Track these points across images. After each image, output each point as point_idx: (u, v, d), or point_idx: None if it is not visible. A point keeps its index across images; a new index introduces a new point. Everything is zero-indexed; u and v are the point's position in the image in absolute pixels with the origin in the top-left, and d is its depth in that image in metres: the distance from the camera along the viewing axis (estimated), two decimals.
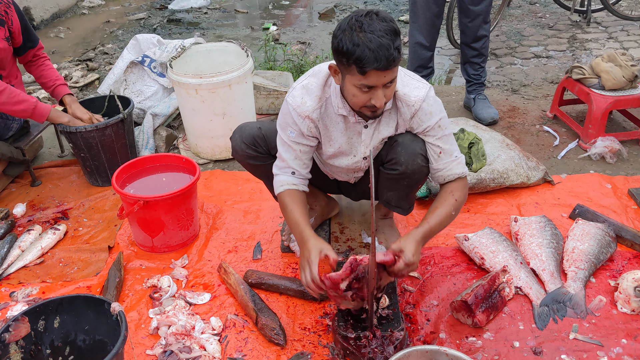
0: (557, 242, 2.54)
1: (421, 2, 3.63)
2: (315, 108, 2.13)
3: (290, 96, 2.17)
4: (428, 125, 2.13)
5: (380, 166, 2.32)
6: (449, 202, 2.15)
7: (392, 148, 2.23)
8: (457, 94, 4.26)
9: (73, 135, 3.13)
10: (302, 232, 2.10)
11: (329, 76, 2.13)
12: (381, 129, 2.20)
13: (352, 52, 1.81)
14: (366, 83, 1.87)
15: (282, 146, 2.23)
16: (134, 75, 3.89)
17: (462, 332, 2.20)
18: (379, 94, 1.91)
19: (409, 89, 2.10)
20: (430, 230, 2.09)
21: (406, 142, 2.19)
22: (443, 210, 2.13)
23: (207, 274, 2.59)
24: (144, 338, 2.26)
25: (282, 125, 2.21)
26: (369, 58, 1.79)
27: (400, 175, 2.24)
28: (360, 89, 1.91)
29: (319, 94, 2.13)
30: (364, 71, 1.83)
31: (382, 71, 1.83)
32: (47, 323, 1.94)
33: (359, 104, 1.97)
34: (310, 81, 2.15)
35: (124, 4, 7.55)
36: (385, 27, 1.82)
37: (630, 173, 3.18)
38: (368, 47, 1.79)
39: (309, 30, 6.21)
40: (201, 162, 3.53)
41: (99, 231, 2.93)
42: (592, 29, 5.62)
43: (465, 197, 2.21)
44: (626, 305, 2.24)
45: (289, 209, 2.19)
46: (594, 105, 3.34)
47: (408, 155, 2.18)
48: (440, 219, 2.12)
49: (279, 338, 2.16)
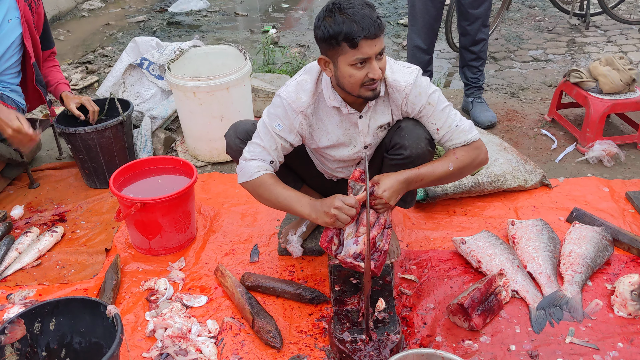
0: (554, 245, 2.54)
1: (420, 5, 3.63)
2: (310, 104, 2.16)
3: (284, 91, 2.18)
4: (420, 105, 2.16)
5: (385, 153, 2.31)
6: (447, 157, 2.17)
7: (395, 133, 2.24)
8: (455, 97, 4.27)
9: (72, 137, 3.13)
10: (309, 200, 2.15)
11: (321, 72, 2.17)
12: (377, 117, 2.22)
13: (340, 31, 1.90)
14: (360, 56, 1.93)
15: (266, 134, 2.21)
16: (133, 78, 3.90)
17: (458, 336, 2.20)
18: (374, 65, 1.97)
19: (398, 75, 2.14)
20: (418, 175, 2.12)
21: (410, 127, 2.20)
22: (439, 163, 2.16)
23: (204, 277, 2.59)
24: (140, 341, 2.25)
25: (271, 116, 2.20)
26: (357, 29, 1.88)
27: (405, 160, 2.21)
28: (355, 67, 1.96)
29: (312, 89, 2.17)
30: (355, 44, 1.91)
31: (372, 39, 1.91)
32: (43, 325, 1.94)
33: (357, 83, 2.00)
34: (304, 78, 2.19)
35: (124, 7, 7.56)
36: (361, 2, 1.93)
37: (628, 177, 3.18)
38: (353, 20, 1.88)
39: (309, 34, 6.22)
40: (199, 164, 3.53)
41: (97, 233, 2.93)
42: (591, 32, 5.63)
43: (474, 157, 2.19)
44: (623, 309, 2.24)
45: (280, 187, 2.17)
46: (592, 108, 3.34)
47: (412, 139, 2.18)
48: (432, 167, 2.15)
49: (275, 341, 2.16)
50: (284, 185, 2.19)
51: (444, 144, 2.23)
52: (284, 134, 2.20)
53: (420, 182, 2.15)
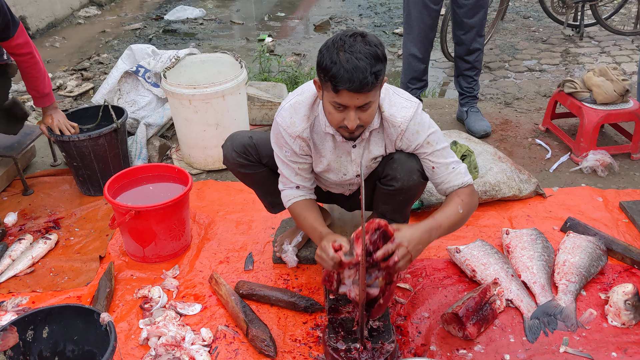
0: (549, 255, 2.55)
1: (415, 13, 3.65)
2: (305, 128, 2.14)
3: (279, 116, 2.17)
4: (417, 143, 2.13)
5: (377, 181, 2.32)
6: (453, 201, 2.12)
7: (388, 164, 2.23)
8: (450, 106, 4.28)
9: (66, 144, 3.13)
10: (320, 232, 2.16)
11: (316, 96, 2.13)
12: (371, 149, 2.21)
13: (329, 69, 1.84)
14: (339, 101, 1.89)
15: (281, 164, 2.27)
16: (128, 85, 3.89)
17: (452, 345, 2.19)
18: (351, 115, 1.92)
19: (395, 109, 2.09)
20: (435, 221, 2.04)
21: (402, 159, 2.19)
22: (448, 207, 2.11)
23: (198, 285, 2.58)
24: (134, 349, 2.24)
25: (278, 144, 2.22)
26: (342, 77, 1.81)
27: (396, 191, 2.24)
28: (334, 107, 1.93)
29: (307, 113, 2.14)
30: (336, 89, 1.85)
31: (354, 93, 1.84)
32: (35, 333, 1.92)
33: (334, 122, 1.99)
34: (298, 100, 2.16)
35: (120, 14, 7.56)
36: (367, 51, 1.83)
37: (621, 186, 3.19)
38: (344, 67, 1.81)
39: (304, 42, 6.24)
40: (194, 172, 3.52)
41: (90, 241, 2.92)
42: (585, 43, 5.67)
43: (473, 201, 2.16)
44: (616, 318, 2.25)
45: (302, 217, 2.26)
46: (586, 119, 3.36)
47: (404, 172, 2.18)
48: (444, 213, 2.08)
49: (270, 349, 2.15)
50: (306, 214, 2.26)
51: (437, 185, 2.20)
52: (293, 158, 2.22)
53: (439, 229, 2.04)
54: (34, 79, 3.03)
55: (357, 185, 2.43)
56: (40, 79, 3.05)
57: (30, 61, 2.97)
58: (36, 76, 3.03)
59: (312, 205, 2.30)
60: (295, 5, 7.75)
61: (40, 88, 3.06)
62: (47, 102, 3.13)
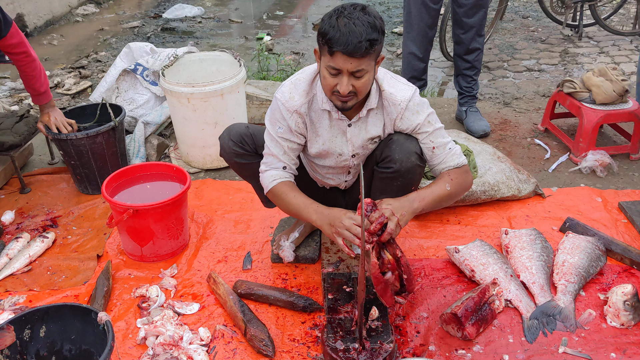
0: (548, 255, 2.54)
1: (415, 12, 3.65)
2: (303, 103, 2.17)
3: (279, 92, 2.20)
4: (418, 122, 2.16)
5: (374, 165, 2.31)
6: (442, 179, 2.19)
7: (386, 146, 2.23)
8: (449, 106, 4.28)
9: (63, 143, 3.12)
10: (317, 206, 2.17)
11: (316, 73, 2.17)
12: (368, 128, 2.22)
13: (327, 33, 1.91)
14: (333, 65, 1.94)
15: (271, 141, 2.25)
16: (126, 84, 3.88)
17: (451, 345, 2.19)
18: (344, 80, 1.96)
19: (395, 89, 2.15)
20: (418, 194, 2.14)
21: (401, 140, 2.20)
22: (435, 185, 2.18)
23: (196, 284, 2.57)
24: (132, 348, 2.23)
25: (272, 120, 2.23)
26: (337, 40, 1.88)
27: (394, 174, 2.22)
28: (328, 72, 1.98)
29: (306, 88, 2.17)
30: (331, 51, 1.91)
31: (348, 57, 1.90)
32: (33, 332, 1.91)
33: (327, 87, 2.03)
34: (299, 77, 2.20)
35: (118, 12, 7.55)
36: (366, 19, 1.90)
37: (621, 187, 3.19)
38: (340, 30, 1.88)
39: (303, 41, 6.24)
40: (192, 171, 3.51)
41: (88, 239, 2.91)
42: (584, 43, 5.67)
43: (464, 180, 2.22)
44: (615, 319, 2.24)
45: (291, 195, 2.22)
46: (585, 119, 3.36)
47: (402, 153, 2.18)
48: (431, 189, 2.16)
49: (268, 349, 2.15)
50: (296, 193, 2.23)
51: (435, 166, 2.23)
52: (286, 135, 2.21)
53: (422, 201, 2.13)
54: (30, 78, 3.04)
55: (352, 177, 2.43)
56: (37, 78, 3.05)
57: (25, 60, 2.97)
58: (32, 75, 3.03)
59: (298, 188, 2.28)
60: (294, 4, 7.74)
61: (36, 86, 3.07)
62: (44, 100, 3.13)
